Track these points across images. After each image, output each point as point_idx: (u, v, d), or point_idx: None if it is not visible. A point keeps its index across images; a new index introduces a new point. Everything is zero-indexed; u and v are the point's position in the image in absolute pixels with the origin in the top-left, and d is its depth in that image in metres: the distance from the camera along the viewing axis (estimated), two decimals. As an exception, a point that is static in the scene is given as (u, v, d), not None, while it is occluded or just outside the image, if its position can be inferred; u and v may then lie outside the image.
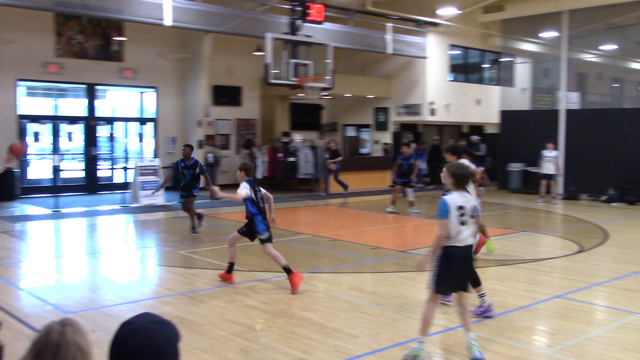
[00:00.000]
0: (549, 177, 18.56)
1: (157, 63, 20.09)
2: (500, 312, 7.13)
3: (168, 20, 15.47)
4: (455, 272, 5.55)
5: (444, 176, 5.67)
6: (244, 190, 7.87)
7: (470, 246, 5.66)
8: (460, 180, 5.56)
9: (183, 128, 20.71)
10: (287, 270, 7.85)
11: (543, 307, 7.51)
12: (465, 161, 7.37)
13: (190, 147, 12.40)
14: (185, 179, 12.16)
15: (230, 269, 8.29)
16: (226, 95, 21.63)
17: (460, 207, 5.46)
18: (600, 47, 25.85)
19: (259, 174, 20.34)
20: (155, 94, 20.44)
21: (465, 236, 5.48)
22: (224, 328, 6.38)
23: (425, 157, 22.89)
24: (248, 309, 7.15)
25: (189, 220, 12.44)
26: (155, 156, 19.44)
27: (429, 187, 22.10)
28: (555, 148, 18.76)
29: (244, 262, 9.77)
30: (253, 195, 7.93)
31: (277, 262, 7.98)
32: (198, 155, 20.04)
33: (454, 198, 5.50)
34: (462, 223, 5.46)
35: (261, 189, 8.21)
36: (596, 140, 19.84)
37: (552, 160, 18.43)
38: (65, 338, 1.84)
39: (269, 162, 20.45)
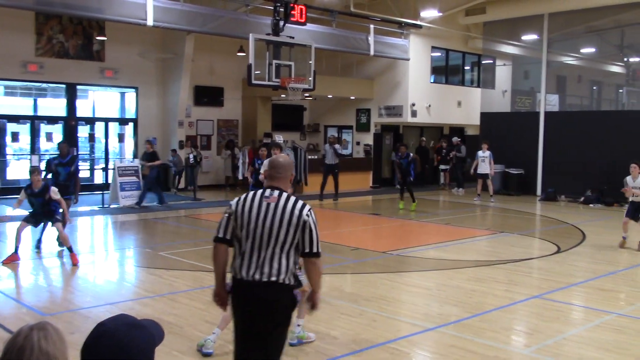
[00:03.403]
0: (484, 176, 19.03)
1: (139, 63, 19.97)
2: (479, 312, 7.20)
3: (150, 20, 15.39)
4: None
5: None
6: None
7: None
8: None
9: (164, 128, 20.62)
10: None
11: (521, 308, 7.59)
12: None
13: (65, 143, 11.73)
14: (59, 177, 11.11)
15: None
16: (208, 95, 21.57)
17: None
18: (579, 50, 26.13)
19: (240, 175, 20.30)
20: (136, 94, 20.33)
21: None
22: (203, 330, 6.37)
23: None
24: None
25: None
26: (135, 157, 19.32)
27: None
28: (489, 148, 19.14)
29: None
30: None
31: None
32: (180, 155, 19.96)
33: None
34: None
35: None
36: (575, 142, 20.06)
37: (485, 160, 18.91)
38: (30, 342, 1.82)
39: (249, 163, 20.38)
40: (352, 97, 23.39)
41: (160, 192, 16.85)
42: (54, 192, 9.78)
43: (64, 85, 18.86)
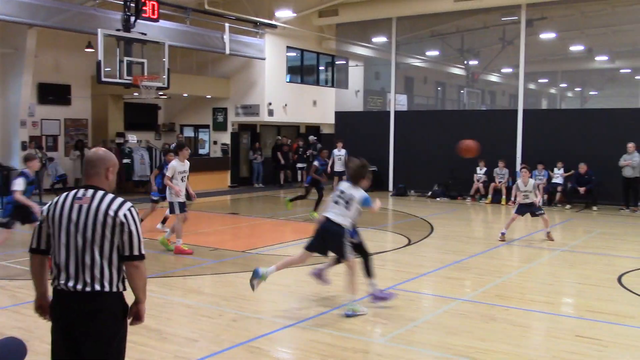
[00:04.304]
0: (341, 174, 19.75)
1: (-27, 57, 18.39)
2: (336, 306, 7.40)
3: (-16, 12, 14.23)
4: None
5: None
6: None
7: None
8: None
9: (4, 129, 19.11)
10: None
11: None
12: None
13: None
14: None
15: None
16: (53, 93, 20.32)
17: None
18: (425, 53, 27.67)
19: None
20: (-30, 91, 18.70)
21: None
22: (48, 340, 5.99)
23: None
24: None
25: None
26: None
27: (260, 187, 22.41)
28: (344, 147, 19.90)
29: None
30: None
31: None
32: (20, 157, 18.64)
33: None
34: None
35: None
36: (422, 139, 21.22)
37: (342, 159, 19.67)
38: None
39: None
40: (208, 96, 23.11)
41: None
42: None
43: None
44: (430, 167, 20.70)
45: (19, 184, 8.78)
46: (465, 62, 27.27)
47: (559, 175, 18.04)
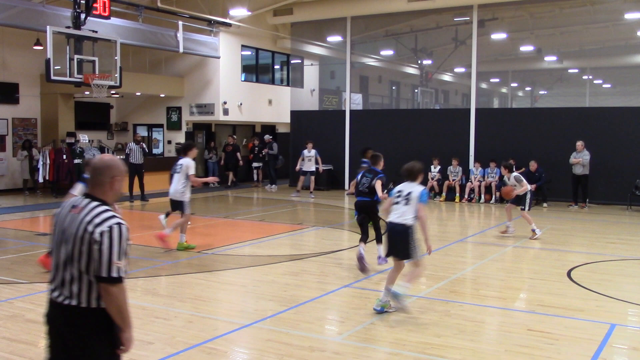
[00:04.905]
0: (311, 173, 19.89)
1: None
2: (293, 305, 7.40)
3: None
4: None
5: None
6: None
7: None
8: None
9: (-52, 128, 18.53)
10: None
11: (333, 297, 7.93)
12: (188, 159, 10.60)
13: None
14: None
15: None
16: (1, 92, 19.74)
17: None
18: (379, 53, 27.91)
19: (40, 177, 18.90)
20: None
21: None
22: (1, 348, 5.84)
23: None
24: (29, 324, 6.61)
25: None
26: None
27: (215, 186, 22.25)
28: (313, 147, 20.00)
29: (23, 273, 9.02)
30: None
31: None
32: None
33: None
34: None
35: None
36: (377, 138, 21.32)
37: (312, 159, 19.78)
38: None
39: (51, 165, 19.05)
40: (162, 95, 22.81)
41: None
42: None
43: None
44: (385, 165, 20.78)
45: None
46: (419, 61, 27.61)
47: (510, 173, 18.41)
